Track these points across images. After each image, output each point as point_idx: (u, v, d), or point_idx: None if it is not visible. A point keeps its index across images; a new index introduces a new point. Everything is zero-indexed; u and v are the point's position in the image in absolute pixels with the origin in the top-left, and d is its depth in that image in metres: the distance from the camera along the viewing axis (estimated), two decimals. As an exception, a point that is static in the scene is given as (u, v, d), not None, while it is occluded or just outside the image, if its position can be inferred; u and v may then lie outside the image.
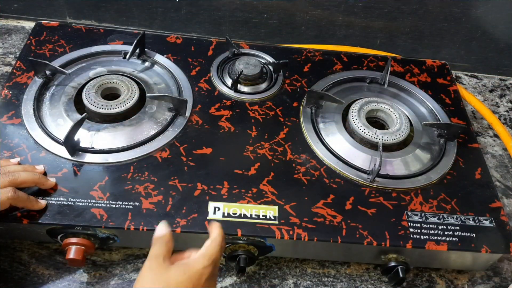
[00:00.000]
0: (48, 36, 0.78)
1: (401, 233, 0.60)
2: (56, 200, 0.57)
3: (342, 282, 0.64)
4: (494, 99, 0.96)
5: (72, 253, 0.56)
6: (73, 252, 0.56)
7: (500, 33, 0.94)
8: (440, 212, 0.63)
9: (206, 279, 0.47)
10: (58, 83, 0.70)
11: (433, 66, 0.86)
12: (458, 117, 0.77)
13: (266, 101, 0.74)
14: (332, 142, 0.69)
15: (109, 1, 0.91)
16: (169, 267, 0.47)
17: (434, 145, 0.72)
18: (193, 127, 0.68)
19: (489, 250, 0.60)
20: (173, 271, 0.46)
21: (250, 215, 0.59)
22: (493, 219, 0.63)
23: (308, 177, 0.64)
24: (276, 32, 0.95)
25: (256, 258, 0.60)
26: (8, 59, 0.86)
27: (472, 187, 0.67)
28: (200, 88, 0.74)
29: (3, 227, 0.57)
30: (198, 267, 0.47)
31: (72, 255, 0.56)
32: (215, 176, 0.62)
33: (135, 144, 0.64)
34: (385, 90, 0.80)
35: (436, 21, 0.92)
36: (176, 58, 0.78)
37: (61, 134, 0.62)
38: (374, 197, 0.63)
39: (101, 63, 0.75)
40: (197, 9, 0.91)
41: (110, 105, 0.66)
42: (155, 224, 0.56)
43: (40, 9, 0.93)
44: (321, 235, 0.58)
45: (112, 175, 0.60)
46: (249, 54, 0.80)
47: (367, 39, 0.96)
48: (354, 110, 0.71)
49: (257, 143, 0.67)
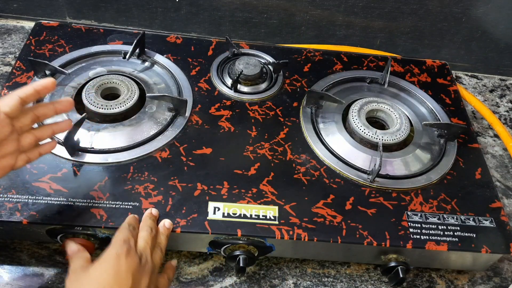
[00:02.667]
0: (48, 36, 0.78)
1: (401, 233, 0.60)
2: (56, 200, 0.57)
3: (342, 282, 0.64)
4: (494, 99, 0.96)
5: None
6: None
7: (500, 33, 0.94)
8: (440, 212, 0.63)
9: (126, 260, 0.48)
10: (58, 83, 0.70)
11: (433, 66, 0.86)
12: (458, 117, 0.77)
13: (266, 101, 0.74)
14: (332, 142, 0.69)
15: (109, 1, 0.91)
16: (87, 270, 0.48)
17: (434, 145, 0.72)
18: (193, 127, 0.68)
19: (489, 250, 0.60)
20: (91, 271, 0.47)
21: (250, 215, 0.59)
22: (493, 219, 0.63)
23: (308, 177, 0.64)
24: (276, 32, 0.95)
25: (256, 258, 0.60)
26: (8, 59, 0.86)
27: (472, 187, 0.66)
28: (200, 88, 0.74)
29: (3, 227, 0.57)
30: (111, 253, 0.48)
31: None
32: (215, 176, 0.62)
33: (135, 144, 0.64)
34: (385, 90, 0.80)
35: (436, 21, 0.92)
36: (176, 58, 0.78)
37: (61, 134, 0.62)
38: (374, 197, 0.63)
39: (101, 63, 0.75)
40: (197, 9, 0.91)
41: (110, 105, 0.66)
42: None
43: (40, 9, 0.93)
44: (321, 235, 0.58)
45: (112, 175, 0.60)
46: (249, 54, 0.80)
47: (367, 39, 0.96)
48: (354, 110, 0.71)
49: (257, 143, 0.67)
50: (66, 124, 0.55)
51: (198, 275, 0.62)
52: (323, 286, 0.64)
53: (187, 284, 0.61)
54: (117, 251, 0.48)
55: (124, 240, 0.50)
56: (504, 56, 0.98)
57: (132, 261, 0.48)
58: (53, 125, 0.54)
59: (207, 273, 0.63)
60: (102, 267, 0.47)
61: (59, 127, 0.54)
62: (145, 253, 0.51)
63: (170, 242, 0.60)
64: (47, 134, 0.53)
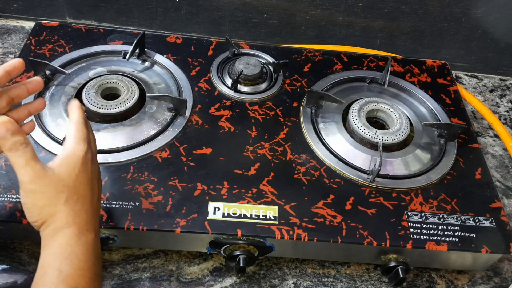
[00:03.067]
0: (48, 36, 0.78)
1: (401, 233, 0.60)
2: (56, 200, 0.57)
3: (342, 282, 0.64)
4: (494, 99, 0.96)
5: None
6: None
7: (500, 33, 0.94)
8: (440, 212, 0.63)
9: (92, 162, 0.47)
10: (58, 83, 0.70)
11: (433, 66, 0.86)
12: (458, 117, 0.77)
13: (266, 101, 0.74)
14: (332, 142, 0.69)
15: (109, 1, 0.91)
16: (51, 171, 0.44)
17: (434, 145, 0.72)
18: (193, 127, 0.68)
19: (489, 250, 0.60)
20: (61, 171, 0.44)
21: (250, 215, 0.59)
22: (493, 219, 0.63)
23: (308, 177, 0.64)
24: (276, 32, 0.95)
25: (256, 258, 0.60)
26: (8, 59, 0.86)
27: (472, 187, 0.66)
28: (200, 88, 0.74)
29: (3, 227, 0.57)
30: (81, 154, 0.46)
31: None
32: (215, 176, 0.62)
33: (135, 144, 0.64)
34: (385, 90, 0.80)
35: (436, 21, 0.92)
36: (176, 58, 0.78)
37: (60, 134, 0.62)
38: (374, 197, 0.63)
39: (101, 63, 0.75)
40: (197, 9, 0.91)
41: (110, 105, 0.66)
42: (155, 224, 0.56)
43: (40, 9, 0.93)
44: (321, 235, 0.58)
45: (112, 175, 0.60)
46: (249, 54, 0.80)
47: (367, 39, 0.96)
48: (354, 110, 0.71)
49: (257, 143, 0.67)
50: (40, 102, 0.54)
51: (198, 275, 0.62)
52: (323, 286, 0.64)
53: (187, 284, 0.61)
54: (85, 155, 0.46)
55: (86, 140, 0.47)
56: (504, 56, 0.98)
57: (96, 167, 0.48)
58: (28, 105, 0.53)
59: (207, 273, 0.63)
60: (70, 171, 0.45)
61: (34, 106, 0.53)
62: (94, 150, 0.50)
63: (171, 242, 0.61)
64: (24, 114, 0.52)
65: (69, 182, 0.44)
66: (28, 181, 0.42)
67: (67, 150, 0.46)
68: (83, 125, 0.48)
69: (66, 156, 0.45)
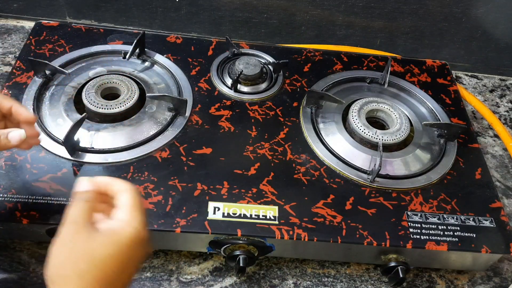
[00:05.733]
0: (48, 36, 0.78)
1: (401, 233, 0.60)
2: (55, 200, 0.57)
3: (342, 282, 0.64)
4: (494, 99, 0.96)
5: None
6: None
7: (500, 33, 0.94)
8: (440, 212, 0.63)
9: (140, 245, 0.40)
10: (58, 83, 0.70)
11: (433, 66, 0.86)
12: (458, 117, 0.77)
13: (266, 101, 0.74)
14: (332, 142, 0.69)
15: (109, 1, 0.91)
16: (91, 235, 0.38)
17: (434, 145, 0.72)
18: (193, 127, 0.68)
19: (489, 250, 0.60)
20: (99, 240, 0.38)
21: (250, 215, 0.59)
22: (493, 219, 0.63)
23: (308, 177, 0.64)
24: (276, 32, 0.95)
25: (256, 258, 0.60)
26: (7, 59, 0.86)
27: (472, 187, 0.66)
28: (200, 88, 0.74)
29: (3, 227, 0.57)
30: (130, 235, 0.39)
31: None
32: (215, 176, 0.62)
33: (135, 144, 0.64)
34: (385, 90, 0.80)
35: (436, 21, 0.92)
36: (176, 58, 0.78)
37: (60, 134, 0.62)
38: (374, 197, 0.63)
39: (101, 63, 0.75)
40: (197, 9, 0.91)
41: (110, 105, 0.66)
42: (155, 224, 0.56)
43: (40, 9, 0.93)
44: (321, 235, 0.58)
45: (112, 175, 0.60)
46: (249, 54, 0.80)
47: (367, 39, 0.96)
48: (354, 110, 0.71)
49: (257, 143, 0.67)
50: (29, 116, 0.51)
51: (198, 275, 0.62)
52: (323, 286, 0.64)
53: (187, 284, 0.61)
54: (139, 230, 0.40)
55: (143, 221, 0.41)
56: (504, 56, 0.98)
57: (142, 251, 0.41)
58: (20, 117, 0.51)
59: (207, 273, 0.63)
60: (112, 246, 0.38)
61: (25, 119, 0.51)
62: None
63: (170, 242, 0.61)
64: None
65: (98, 259, 0.38)
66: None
67: (117, 223, 0.40)
68: (138, 199, 0.42)
69: (113, 230, 0.39)
